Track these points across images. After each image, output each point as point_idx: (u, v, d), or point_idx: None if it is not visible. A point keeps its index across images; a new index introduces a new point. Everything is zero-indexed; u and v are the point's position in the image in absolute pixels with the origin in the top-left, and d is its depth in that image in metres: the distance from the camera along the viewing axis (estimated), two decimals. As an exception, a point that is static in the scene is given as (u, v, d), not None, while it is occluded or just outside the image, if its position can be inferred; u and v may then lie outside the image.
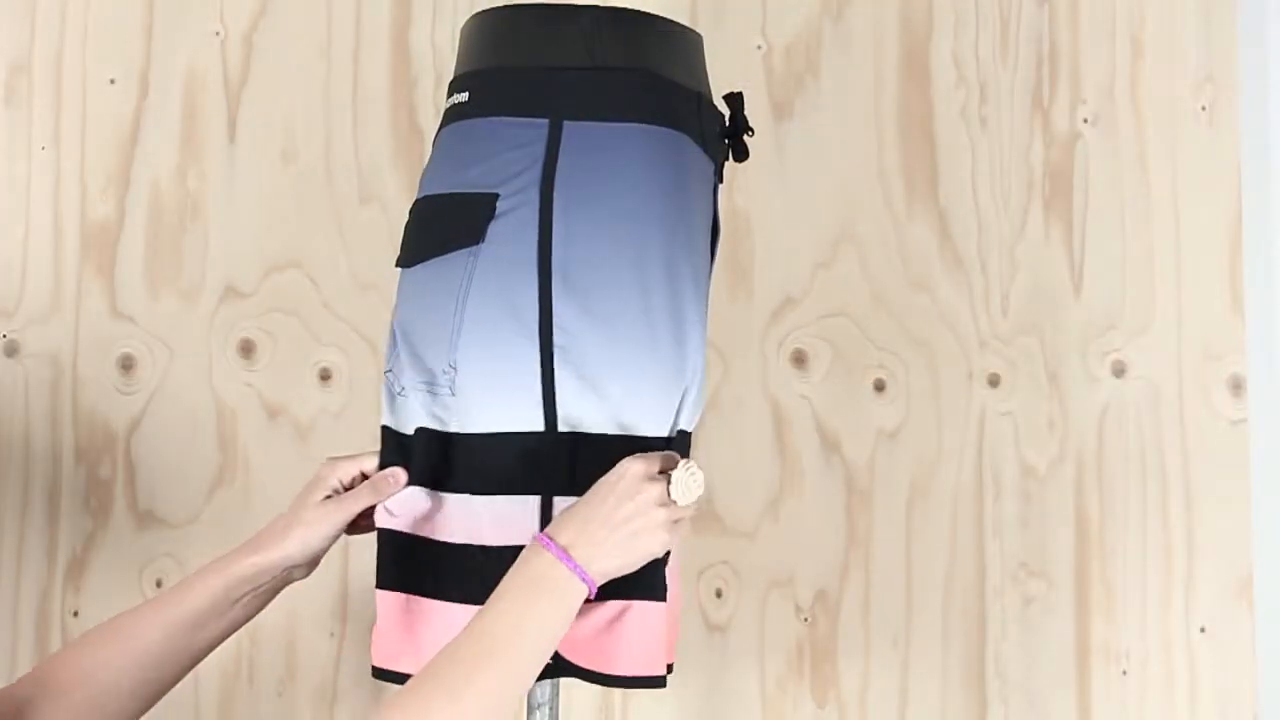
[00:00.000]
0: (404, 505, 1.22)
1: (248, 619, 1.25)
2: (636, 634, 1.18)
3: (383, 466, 1.25)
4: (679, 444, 1.23)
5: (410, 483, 1.22)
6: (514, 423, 1.19)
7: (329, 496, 1.24)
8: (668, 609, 1.21)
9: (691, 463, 1.16)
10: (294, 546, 1.22)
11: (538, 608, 1.09)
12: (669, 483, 1.14)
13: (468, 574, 1.19)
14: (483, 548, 1.19)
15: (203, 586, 1.21)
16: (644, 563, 1.15)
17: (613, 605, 1.16)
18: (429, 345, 1.21)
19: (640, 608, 1.18)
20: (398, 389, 1.24)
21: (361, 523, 1.26)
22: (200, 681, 1.77)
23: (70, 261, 1.82)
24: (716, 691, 1.89)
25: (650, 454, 1.16)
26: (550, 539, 1.11)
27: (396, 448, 1.24)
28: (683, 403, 1.23)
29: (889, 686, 1.92)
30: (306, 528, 1.23)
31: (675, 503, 1.14)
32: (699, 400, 1.25)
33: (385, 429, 1.26)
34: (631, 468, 1.13)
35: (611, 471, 1.13)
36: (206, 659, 1.25)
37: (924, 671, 1.92)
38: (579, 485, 1.15)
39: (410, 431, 1.23)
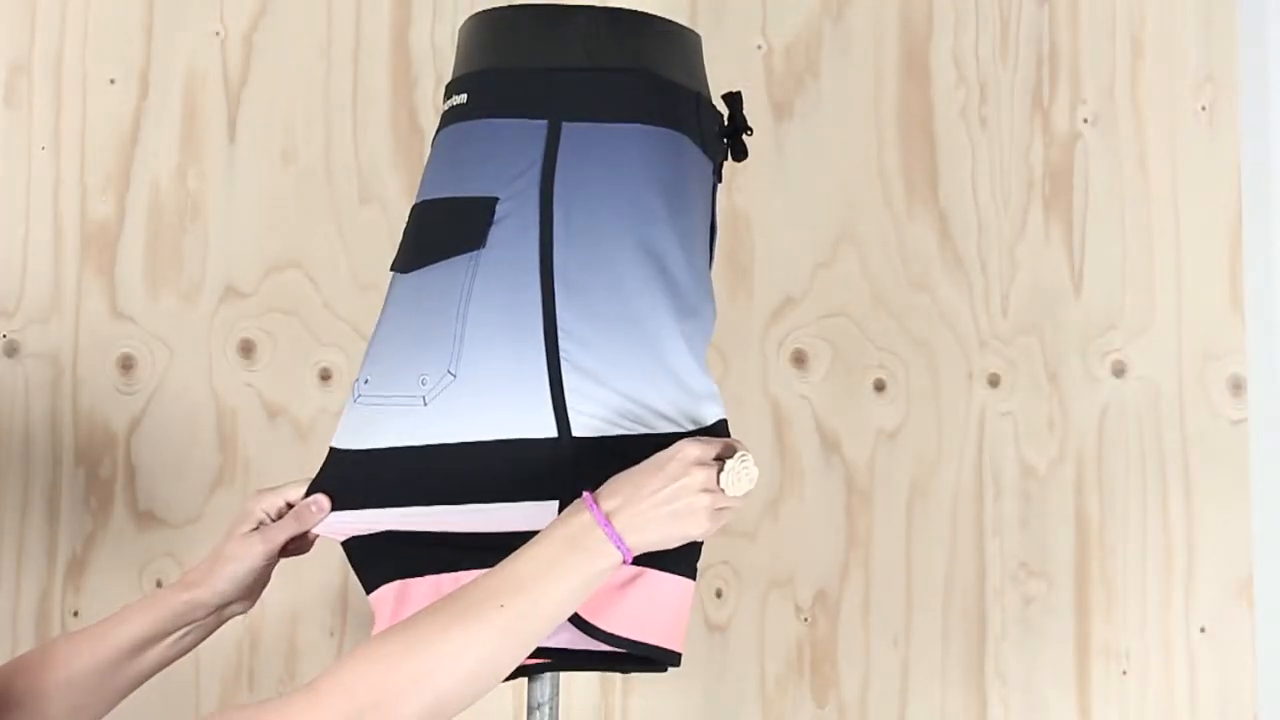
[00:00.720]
0: (379, 522, 1.21)
1: (189, 650, 1.27)
2: (643, 598, 1.16)
3: (332, 489, 1.24)
4: (719, 431, 1.22)
5: (386, 503, 1.21)
6: (524, 429, 1.18)
7: (255, 529, 1.26)
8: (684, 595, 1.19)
9: (748, 455, 1.15)
10: (223, 582, 1.24)
11: (567, 563, 1.09)
12: (720, 470, 1.14)
13: (472, 547, 1.18)
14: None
15: (133, 623, 1.24)
16: (681, 543, 1.14)
17: (628, 569, 1.14)
18: (424, 352, 1.20)
19: (655, 576, 1.16)
20: (372, 397, 1.23)
21: (291, 546, 1.27)
22: (200, 682, 1.77)
23: (70, 261, 1.82)
24: (716, 691, 1.88)
25: (709, 439, 1.15)
26: (595, 502, 1.11)
27: (354, 466, 1.23)
28: (697, 396, 1.21)
29: (889, 686, 1.91)
30: (232, 561, 1.25)
31: (723, 491, 1.14)
32: (714, 392, 1.24)
33: (335, 450, 1.25)
34: (686, 449, 1.13)
35: (668, 449, 1.13)
36: (207, 659, 1.25)
37: (924, 671, 1.92)
38: (597, 487, 1.14)
39: (381, 446, 1.21)
